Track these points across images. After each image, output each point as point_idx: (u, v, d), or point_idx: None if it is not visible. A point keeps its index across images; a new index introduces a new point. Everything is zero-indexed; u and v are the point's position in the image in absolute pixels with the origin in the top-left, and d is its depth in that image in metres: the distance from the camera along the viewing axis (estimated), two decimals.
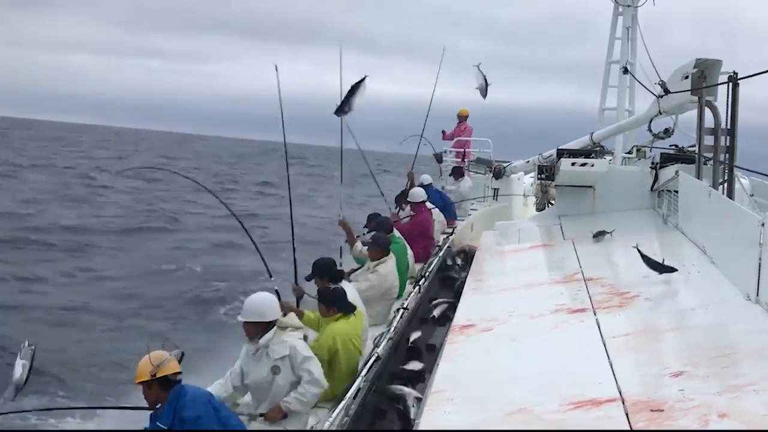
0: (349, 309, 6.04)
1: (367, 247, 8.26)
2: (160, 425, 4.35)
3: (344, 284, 6.62)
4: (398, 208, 11.54)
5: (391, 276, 7.98)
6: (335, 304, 6.02)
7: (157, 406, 4.44)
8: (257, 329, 5.07)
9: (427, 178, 12.73)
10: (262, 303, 5.14)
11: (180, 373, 4.50)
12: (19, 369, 5.05)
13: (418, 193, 10.84)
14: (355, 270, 8.40)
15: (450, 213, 12.27)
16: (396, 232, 9.09)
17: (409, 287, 8.55)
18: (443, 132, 15.70)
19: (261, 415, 5.11)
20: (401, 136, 13.98)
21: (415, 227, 10.25)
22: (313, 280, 6.59)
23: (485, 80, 13.75)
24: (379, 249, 7.96)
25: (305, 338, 5.60)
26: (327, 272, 6.52)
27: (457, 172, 14.00)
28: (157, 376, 4.37)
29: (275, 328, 5.08)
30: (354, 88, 9.09)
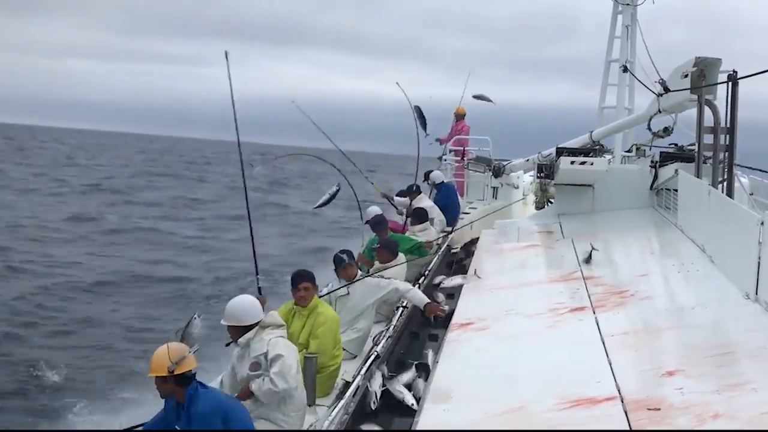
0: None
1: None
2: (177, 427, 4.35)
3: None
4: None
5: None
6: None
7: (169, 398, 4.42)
8: (238, 332, 5.14)
9: (439, 176, 12.69)
10: (242, 307, 5.18)
11: (195, 367, 4.42)
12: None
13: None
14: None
15: (451, 214, 12.26)
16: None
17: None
18: (439, 140, 15.58)
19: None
20: (397, 138, 14.11)
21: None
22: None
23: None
24: (389, 252, 8.13)
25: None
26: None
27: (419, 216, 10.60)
28: (175, 373, 4.29)
29: (256, 328, 5.12)
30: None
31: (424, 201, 11.70)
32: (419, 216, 10.34)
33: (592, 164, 10.36)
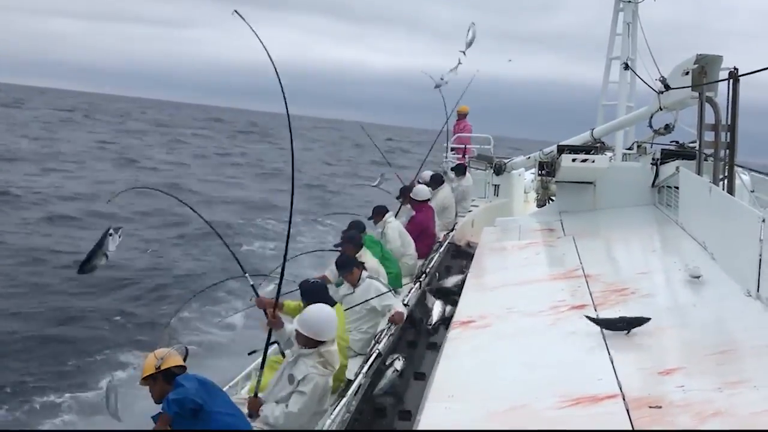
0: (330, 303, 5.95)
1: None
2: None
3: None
4: (400, 201, 11.37)
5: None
6: (314, 298, 5.83)
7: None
8: (306, 341, 5.03)
9: (428, 176, 12.71)
10: (324, 322, 5.06)
11: (184, 367, 4.46)
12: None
13: (421, 192, 10.78)
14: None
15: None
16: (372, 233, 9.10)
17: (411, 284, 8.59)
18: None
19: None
20: (387, 106, 13.97)
21: (416, 228, 10.27)
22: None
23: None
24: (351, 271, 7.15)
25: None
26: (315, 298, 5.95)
27: (460, 170, 13.66)
28: (162, 368, 4.36)
29: (316, 348, 5.00)
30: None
31: (446, 189, 12.10)
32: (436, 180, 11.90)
33: (593, 162, 10.37)
